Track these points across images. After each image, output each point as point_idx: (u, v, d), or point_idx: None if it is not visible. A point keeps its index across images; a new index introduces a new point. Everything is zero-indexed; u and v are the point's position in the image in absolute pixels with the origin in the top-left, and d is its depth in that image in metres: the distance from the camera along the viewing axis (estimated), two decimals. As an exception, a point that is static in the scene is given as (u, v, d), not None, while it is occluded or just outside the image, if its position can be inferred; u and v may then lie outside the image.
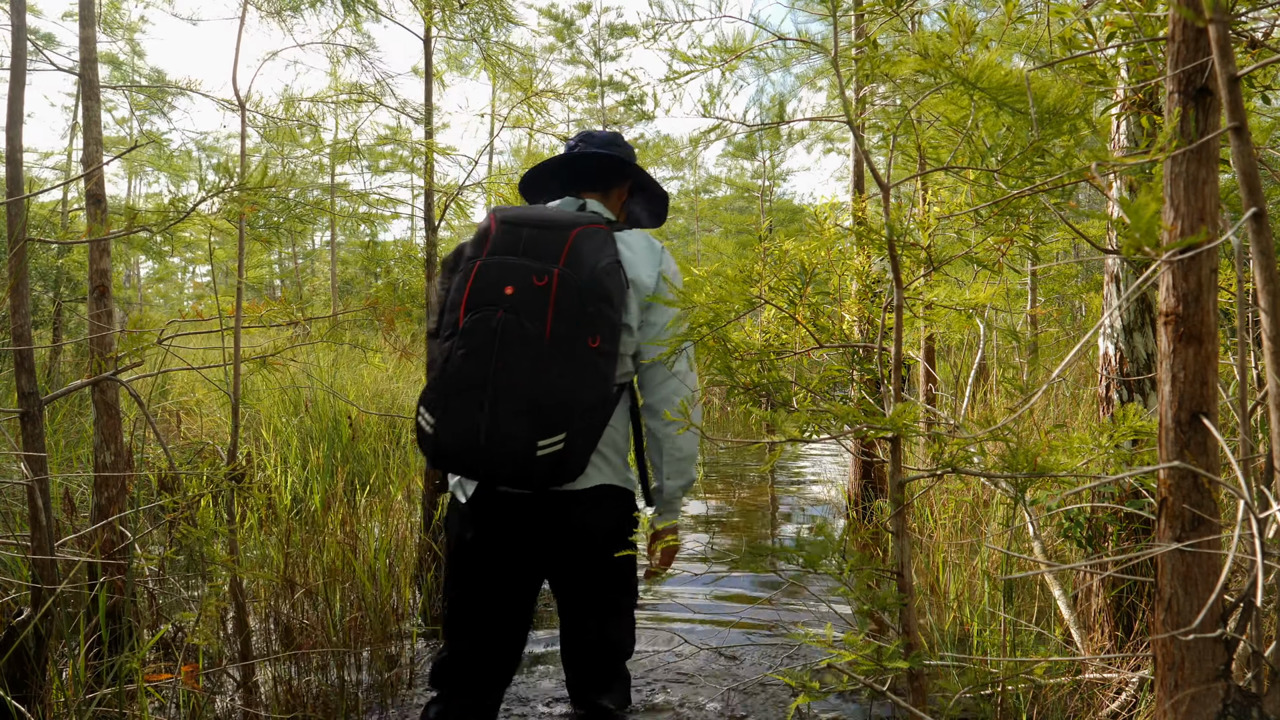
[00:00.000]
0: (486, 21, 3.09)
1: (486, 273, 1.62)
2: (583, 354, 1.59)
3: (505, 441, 1.55)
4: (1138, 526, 1.98)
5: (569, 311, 1.58)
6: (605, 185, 1.89)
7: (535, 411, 1.56)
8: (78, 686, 1.80)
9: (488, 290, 1.61)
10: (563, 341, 1.58)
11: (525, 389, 1.56)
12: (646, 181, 1.95)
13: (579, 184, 1.89)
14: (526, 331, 1.57)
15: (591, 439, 1.64)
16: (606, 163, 1.86)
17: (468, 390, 1.58)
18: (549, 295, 1.58)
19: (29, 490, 1.87)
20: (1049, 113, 1.16)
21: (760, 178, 17.72)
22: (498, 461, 1.56)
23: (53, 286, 5.79)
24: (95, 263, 2.43)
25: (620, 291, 1.65)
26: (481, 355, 1.58)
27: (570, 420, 1.58)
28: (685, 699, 2.20)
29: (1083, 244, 7.30)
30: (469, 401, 1.57)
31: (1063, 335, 6.67)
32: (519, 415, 1.55)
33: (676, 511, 1.82)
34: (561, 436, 1.56)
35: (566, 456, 1.58)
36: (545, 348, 1.57)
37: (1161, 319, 1.10)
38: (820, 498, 4.72)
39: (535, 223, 1.65)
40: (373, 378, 6.07)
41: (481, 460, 1.57)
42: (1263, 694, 1.09)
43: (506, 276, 1.61)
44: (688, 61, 1.42)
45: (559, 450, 1.57)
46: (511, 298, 1.59)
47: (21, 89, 1.96)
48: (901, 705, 1.25)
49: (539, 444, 1.55)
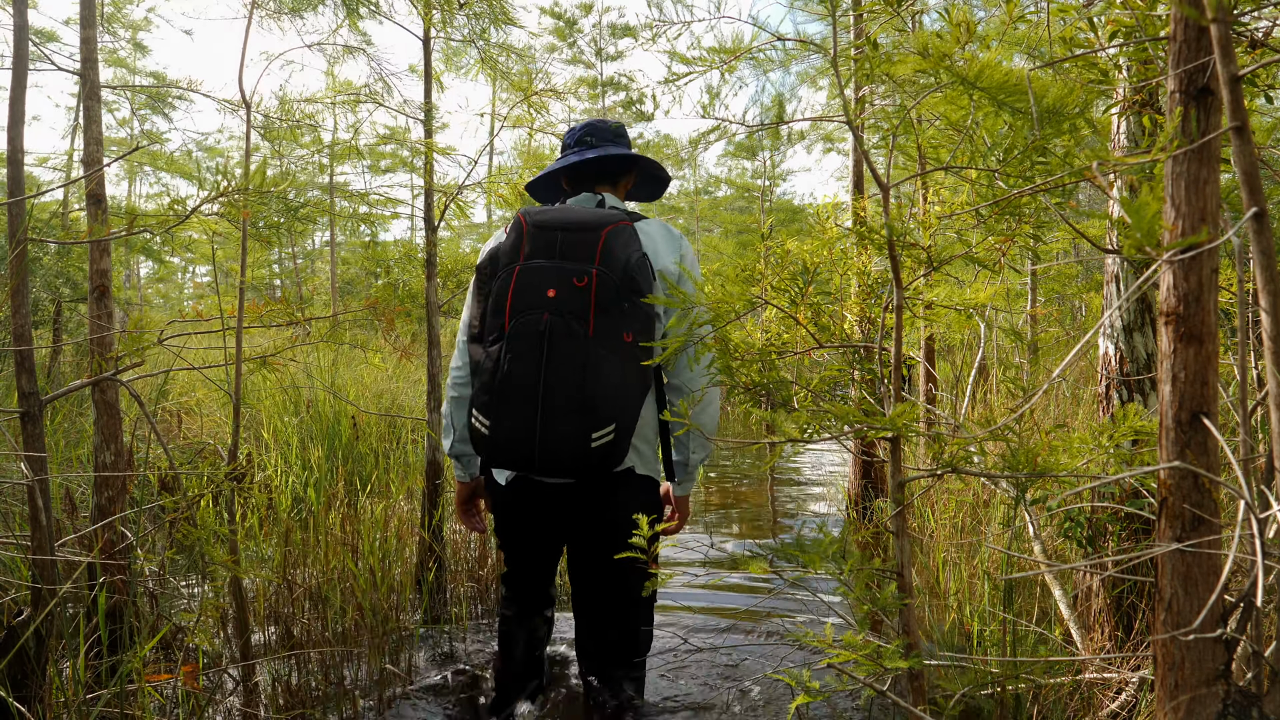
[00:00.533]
0: (486, 22, 3.09)
1: (527, 277, 1.70)
2: (625, 348, 1.68)
3: (561, 438, 1.64)
4: (1138, 526, 1.98)
5: (609, 308, 1.67)
6: (615, 179, 1.96)
7: (587, 406, 1.64)
8: (78, 687, 1.80)
9: (530, 294, 1.68)
10: (606, 337, 1.67)
11: (575, 386, 1.65)
12: (655, 170, 2.03)
13: (592, 179, 1.95)
14: (573, 330, 1.66)
15: (634, 427, 1.73)
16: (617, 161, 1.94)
17: (521, 392, 1.66)
18: (590, 294, 1.67)
19: (29, 490, 1.87)
20: (1049, 112, 1.16)
21: (760, 178, 17.73)
22: (554, 456, 1.66)
23: (52, 287, 5.79)
24: (95, 263, 2.43)
25: (649, 283, 1.73)
26: (530, 357, 1.66)
27: (619, 412, 1.67)
28: (686, 699, 2.20)
29: (1083, 244, 7.30)
30: (523, 403, 1.66)
31: (1063, 335, 6.67)
32: (571, 412, 1.64)
33: (694, 479, 1.96)
34: (612, 428, 1.66)
35: (616, 446, 1.67)
36: (591, 345, 1.66)
37: (1162, 319, 1.10)
38: (820, 498, 4.72)
39: (567, 225, 1.73)
40: (373, 378, 6.07)
41: (538, 456, 1.66)
42: (1263, 694, 1.09)
43: (547, 279, 1.68)
44: (686, 63, 1.42)
45: (610, 440, 1.66)
46: (554, 300, 1.67)
47: (23, 90, 1.96)
48: (901, 705, 1.25)
49: (592, 436, 1.65)
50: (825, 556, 1.23)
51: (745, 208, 19.31)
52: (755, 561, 1.28)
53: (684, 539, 3.83)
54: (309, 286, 18.06)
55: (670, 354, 1.57)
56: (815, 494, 4.85)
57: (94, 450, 2.41)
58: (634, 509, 1.75)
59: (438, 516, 2.98)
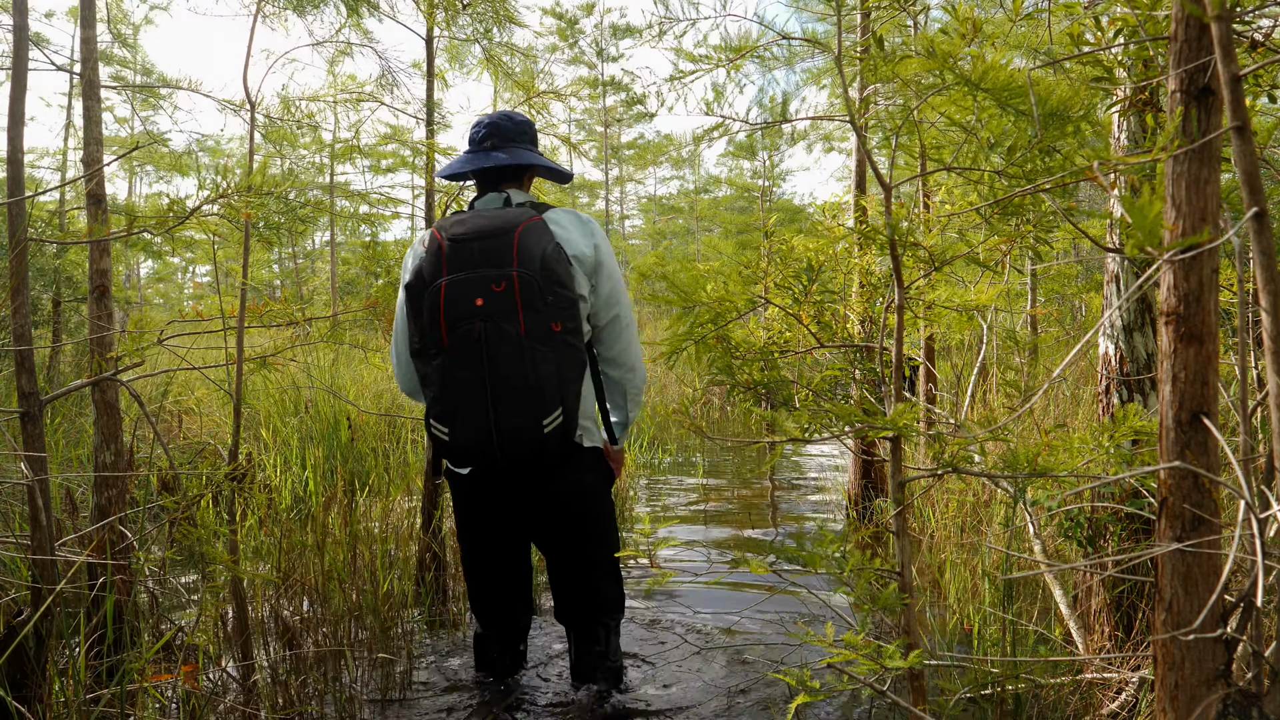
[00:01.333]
0: (489, 22, 3.09)
1: (453, 290, 1.83)
2: (556, 337, 1.82)
3: (515, 429, 1.80)
4: (1138, 526, 1.98)
5: (534, 304, 1.81)
6: (518, 177, 2.10)
7: (533, 398, 1.79)
8: (78, 687, 1.80)
9: (459, 306, 1.82)
10: (538, 331, 1.81)
11: (519, 382, 1.79)
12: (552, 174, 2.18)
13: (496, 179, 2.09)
14: (505, 332, 1.80)
15: (579, 407, 1.89)
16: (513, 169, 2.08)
17: (470, 397, 1.81)
18: (514, 295, 1.81)
19: (29, 490, 1.87)
20: (1053, 114, 1.16)
21: (760, 178, 17.72)
22: (514, 447, 1.82)
23: (52, 287, 5.79)
24: (95, 263, 2.43)
25: (567, 270, 1.88)
26: (473, 364, 1.80)
27: (563, 397, 1.83)
28: (686, 698, 2.20)
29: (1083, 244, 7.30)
30: (475, 406, 1.81)
31: (1063, 335, 6.67)
32: (520, 405, 1.80)
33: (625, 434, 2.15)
34: (559, 412, 1.82)
35: (566, 426, 1.84)
36: (525, 341, 1.80)
37: (1162, 319, 1.10)
38: (820, 497, 4.72)
39: (481, 233, 1.86)
40: (373, 377, 6.07)
41: (499, 450, 1.82)
42: (1263, 694, 1.09)
43: (472, 289, 1.82)
44: (693, 60, 1.43)
45: (560, 423, 1.82)
46: (483, 308, 1.81)
47: (23, 90, 1.96)
48: (901, 705, 1.25)
49: (544, 424, 1.80)
50: (826, 556, 1.23)
51: (745, 208, 19.30)
52: (756, 561, 1.28)
53: (683, 538, 3.83)
54: (309, 286, 18.06)
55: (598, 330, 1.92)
56: (815, 494, 4.85)
57: (94, 450, 2.41)
58: (588, 478, 2.00)
59: (437, 516, 2.98)
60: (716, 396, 8.39)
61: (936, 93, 1.24)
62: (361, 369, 6.25)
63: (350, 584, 2.49)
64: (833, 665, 1.19)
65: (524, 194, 2.09)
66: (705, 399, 8.22)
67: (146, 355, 2.21)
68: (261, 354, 2.37)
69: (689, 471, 5.53)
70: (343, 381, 5.57)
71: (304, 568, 2.53)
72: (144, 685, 1.84)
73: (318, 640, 2.26)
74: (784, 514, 4.34)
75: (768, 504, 4.57)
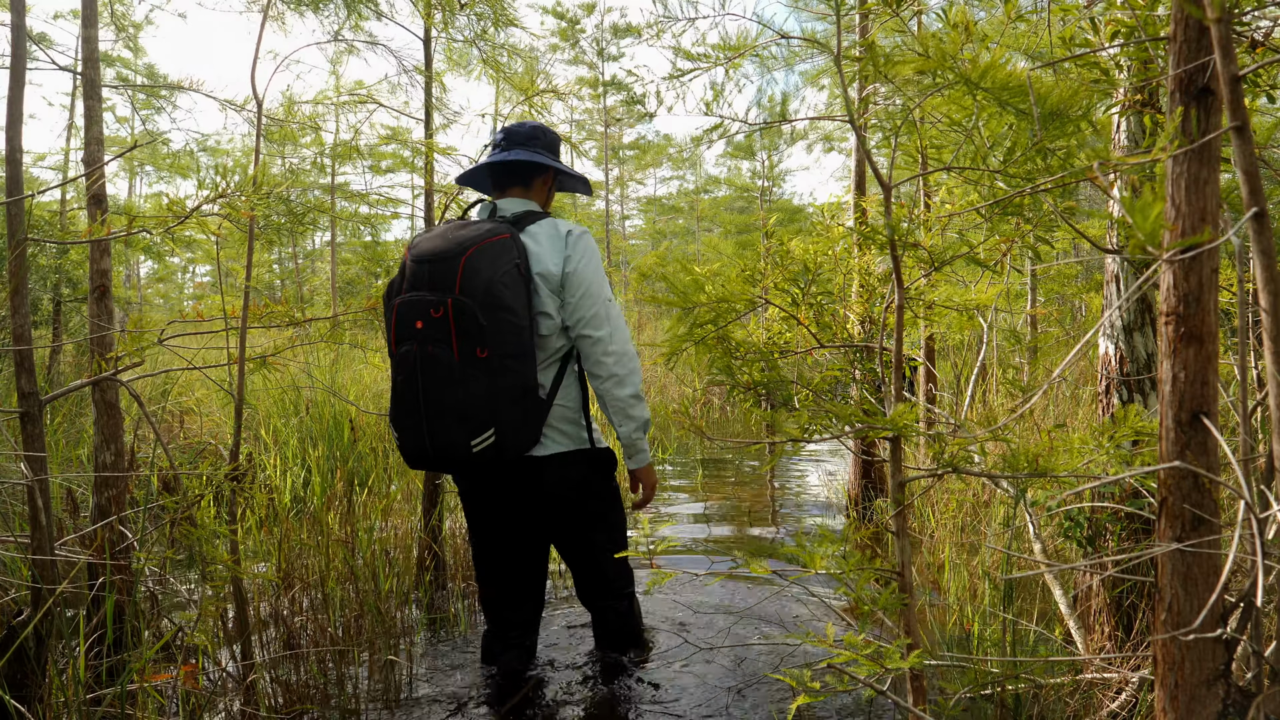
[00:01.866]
0: (488, 23, 3.09)
1: (402, 310, 1.92)
2: (491, 362, 1.87)
3: (446, 446, 1.90)
4: (1138, 526, 1.98)
5: (470, 330, 1.85)
6: (527, 179, 2.14)
7: (462, 420, 1.87)
8: (78, 687, 1.80)
9: (403, 326, 1.92)
10: (471, 357, 1.86)
11: (449, 403, 1.87)
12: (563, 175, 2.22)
13: (506, 178, 2.14)
14: (438, 356, 1.87)
15: (530, 422, 1.96)
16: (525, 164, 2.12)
17: (410, 411, 1.92)
18: (448, 322, 1.86)
19: (29, 490, 1.87)
20: (1053, 114, 1.15)
21: (759, 178, 17.72)
22: (447, 461, 1.93)
23: (52, 287, 5.79)
24: (96, 263, 2.43)
25: (521, 293, 1.91)
26: (411, 382, 1.90)
27: (493, 419, 1.89)
28: (685, 698, 2.20)
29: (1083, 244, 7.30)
30: (413, 419, 1.92)
31: (1063, 335, 6.67)
32: (450, 425, 1.88)
33: (641, 452, 2.11)
34: (490, 432, 1.89)
35: (503, 444, 1.91)
36: (457, 366, 1.86)
37: (1162, 319, 1.10)
38: (820, 498, 4.72)
39: (433, 257, 1.91)
40: (373, 377, 6.06)
41: (436, 461, 1.94)
42: (1262, 694, 1.09)
43: (414, 312, 1.90)
44: (691, 59, 1.43)
45: (492, 442, 1.89)
46: (422, 331, 1.89)
47: (21, 89, 1.96)
48: (901, 705, 1.25)
49: (472, 443, 1.88)
50: (826, 555, 1.23)
51: (745, 208, 19.31)
52: (756, 562, 1.28)
53: (684, 538, 3.83)
54: (309, 286, 18.06)
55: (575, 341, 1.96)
56: (815, 494, 4.85)
57: (94, 450, 2.41)
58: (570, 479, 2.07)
59: (436, 515, 2.98)
60: (716, 397, 8.39)
61: (936, 92, 1.24)
62: (361, 369, 6.25)
63: (350, 583, 2.49)
64: (833, 666, 1.19)
65: (522, 201, 2.10)
66: (705, 399, 8.21)
67: (146, 355, 2.21)
68: (261, 354, 2.37)
69: (689, 471, 5.53)
70: (343, 381, 5.57)
71: (304, 567, 2.53)
72: (144, 685, 1.84)
73: (318, 640, 2.26)
74: (784, 514, 4.34)
75: (768, 504, 4.57)
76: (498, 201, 2.09)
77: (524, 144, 2.12)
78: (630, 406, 2.03)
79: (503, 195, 2.13)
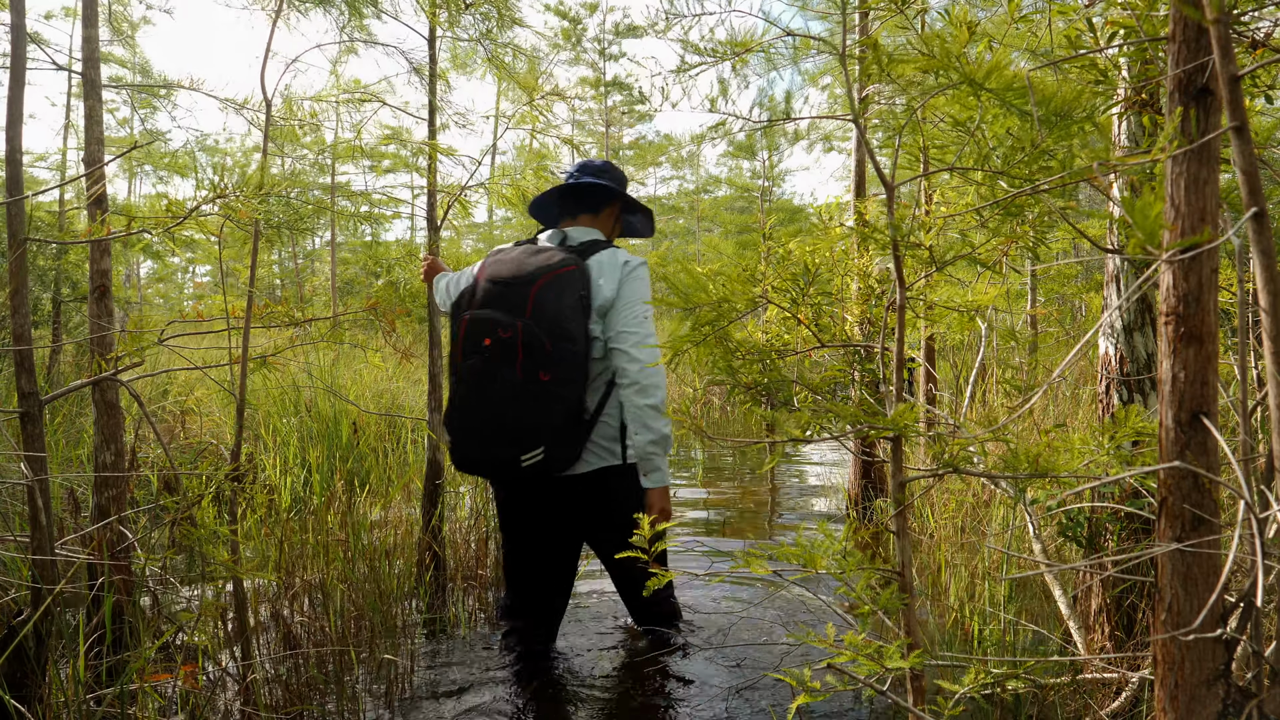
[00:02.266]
0: (492, 23, 3.08)
1: (471, 326, 2.04)
2: (550, 386, 1.98)
3: (498, 459, 2.02)
4: (1138, 526, 1.98)
5: (535, 354, 1.96)
6: (596, 206, 2.28)
7: (514, 437, 2.00)
8: (78, 687, 1.80)
9: (471, 341, 2.04)
10: (532, 379, 1.97)
11: (507, 419, 2.00)
12: (631, 203, 2.35)
13: (575, 205, 2.28)
14: (501, 374, 1.99)
15: (575, 441, 2.07)
16: (596, 189, 2.25)
17: (467, 421, 2.06)
18: (516, 343, 1.97)
19: (29, 490, 1.87)
20: (1057, 114, 1.15)
21: (760, 178, 17.72)
22: (498, 473, 2.08)
23: (52, 286, 5.79)
24: (96, 263, 2.43)
25: (581, 323, 2.02)
26: (472, 395, 2.04)
27: (543, 438, 2.00)
28: (686, 698, 2.20)
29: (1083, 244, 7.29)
30: (469, 430, 2.05)
31: (1063, 335, 6.67)
32: (503, 440, 2.01)
33: (657, 470, 2.11)
34: (540, 450, 2.00)
35: (549, 462, 2.02)
36: (519, 385, 1.98)
37: (1162, 319, 1.10)
38: (820, 497, 4.72)
39: (508, 280, 2.04)
40: (373, 377, 6.07)
41: (484, 471, 2.10)
42: (1263, 694, 1.09)
43: (484, 329, 2.02)
44: (699, 53, 1.43)
45: (540, 460, 2.01)
46: (489, 348, 2.00)
47: (21, 89, 1.96)
48: (902, 705, 1.25)
49: (522, 459, 2.00)
50: (826, 555, 1.24)
51: (745, 208, 19.30)
52: (756, 562, 1.28)
53: (685, 540, 3.83)
54: (309, 286, 18.05)
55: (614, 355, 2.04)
56: (815, 494, 4.85)
57: (94, 450, 2.41)
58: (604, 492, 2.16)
59: (436, 516, 2.98)
60: (716, 397, 8.39)
61: (939, 92, 1.24)
62: (361, 369, 6.25)
63: (350, 583, 2.49)
64: (833, 666, 1.19)
65: (589, 230, 2.24)
66: (705, 399, 8.21)
67: (147, 355, 2.21)
68: (261, 354, 2.37)
69: (689, 472, 5.53)
70: (343, 381, 5.57)
71: (304, 567, 2.53)
72: (144, 685, 1.84)
73: (318, 639, 2.26)
74: (784, 514, 4.34)
75: (768, 504, 4.57)
76: (567, 230, 2.23)
77: (596, 174, 2.27)
78: (649, 417, 2.05)
79: (572, 222, 2.27)
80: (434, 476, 3.02)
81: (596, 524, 2.22)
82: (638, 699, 2.21)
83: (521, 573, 2.31)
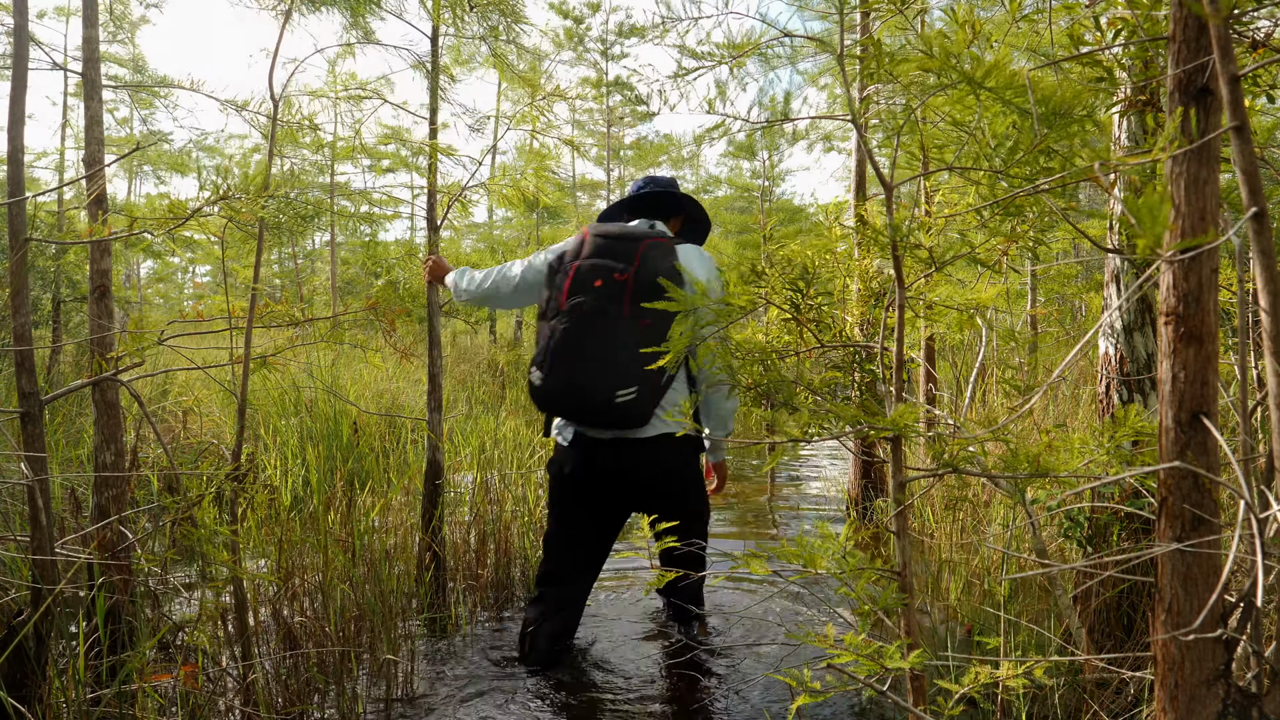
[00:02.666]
0: (496, 21, 3.08)
1: (581, 269, 2.23)
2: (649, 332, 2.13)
3: (592, 390, 2.15)
4: (1138, 526, 1.98)
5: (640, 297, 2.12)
6: (665, 215, 2.52)
7: (614, 369, 2.13)
8: (78, 687, 1.80)
9: (579, 283, 2.22)
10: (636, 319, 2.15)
11: (608, 353, 2.14)
12: (697, 214, 2.59)
13: (646, 213, 2.51)
14: (609, 311, 2.17)
15: (656, 395, 2.22)
16: (668, 199, 2.50)
17: (566, 354, 2.18)
18: (627, 286, 2.17)
19: (29, 490, 1.87)
20: (1057, 114, 1.15)
21: (759, 178, 17.70)
22: (586, 404, 2.18)
23: (52, 287, 5.79)
24: (96, 263, 2.43)
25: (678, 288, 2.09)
26: (575, 330, 2.18)
27: (639, 377, 2.14)
28: (686, 699, 2.20)
29: (1083, 244, 7.29)
30: (567, 362, 2.18)
31: (1063, 335, 6.67)
32: (602, 372, 2.15)
33: (722, 451, 2.61)
34: (634, 389, 2.14)
35: (637, 404, 2.16)
36: (623, 323, 2.15)
37: (1162, 319, 1.10)
38: (821, 498, 4.72)
39: (617, 235, 2.29)
40: (373, 377, 6.06)
41: (574, 404, 2.21)
42: (1263, 694, 1.09)
43: (596, 274, 2.21)
44: (696, 58, 1.43)
45: (632, 399, 2.15)
46: (600, 289, 2.19)
47: (23, 90, 1.96)
48: (902, 705, 1.25)
49: (617, 393, 2.14)
50: (826, 555, 1.23)
51: (745, 208, 19.28)
52: (756, 562, 1.28)
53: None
54: (309, 286, 18.05)
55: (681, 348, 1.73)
56: (815, 494, 4.85)
57: (94, 450, 2.41)
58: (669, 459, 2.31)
59: (437, 516, 2.98)
60: (716, 397, 8.36)
61: (939, 91, 1.24)
62: (361, 369, 6.25)
63: (350, 583, 2.49)
64: (833, 666, 1.19)
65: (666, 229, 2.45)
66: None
67: (147, 355, 2.21)
68: (261, 354, 2.37)
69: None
70: (343, 381, 5.56)
71: (304, 567, 2.53)
72: (143, 685, 1.84)
73: (319, 640, 2.26)
74: (784, 514, 4.34)
75: (768, 504, 4.57)
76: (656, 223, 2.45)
77: (664, 187, 2.51)
78: (730, 418, 2.44)
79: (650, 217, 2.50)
80: (434, 476, 3.02)
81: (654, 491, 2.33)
82: (637, 699, 2.21)
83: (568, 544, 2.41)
